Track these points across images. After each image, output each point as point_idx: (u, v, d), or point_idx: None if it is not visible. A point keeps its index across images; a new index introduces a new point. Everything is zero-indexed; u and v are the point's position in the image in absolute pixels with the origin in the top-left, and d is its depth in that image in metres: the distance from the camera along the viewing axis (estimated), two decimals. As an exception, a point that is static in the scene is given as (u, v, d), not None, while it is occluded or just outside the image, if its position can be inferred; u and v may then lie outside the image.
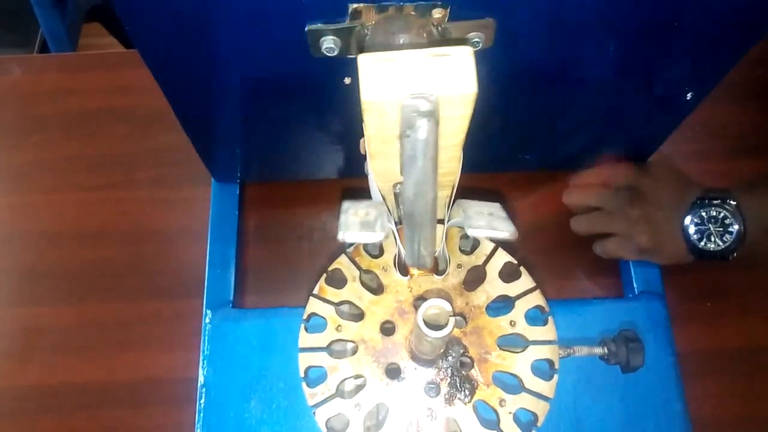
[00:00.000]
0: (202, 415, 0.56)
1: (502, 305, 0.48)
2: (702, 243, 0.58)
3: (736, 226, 0.57)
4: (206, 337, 0.59)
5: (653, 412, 0.57)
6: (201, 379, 0.57)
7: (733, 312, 0.64)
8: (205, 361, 0.58)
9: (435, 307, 0.35)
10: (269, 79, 0.47)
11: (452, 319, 0.35)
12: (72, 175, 0.70)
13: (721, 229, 0.57)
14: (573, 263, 0.65)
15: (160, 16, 0.40)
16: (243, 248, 0.65)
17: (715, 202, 0.58)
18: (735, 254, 0.58)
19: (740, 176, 0.69)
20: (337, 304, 0.47)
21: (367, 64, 0.31)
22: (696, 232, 0.58)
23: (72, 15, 1.12)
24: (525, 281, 0.48)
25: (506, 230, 0.36)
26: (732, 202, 0.57)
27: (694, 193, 0.59)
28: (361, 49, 0.39)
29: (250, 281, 0.64)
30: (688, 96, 0.52)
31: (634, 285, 0.62)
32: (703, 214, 0.58)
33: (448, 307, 0.35)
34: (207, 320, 0.60)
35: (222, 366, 0.58)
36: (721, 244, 0.58)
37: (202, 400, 0.57)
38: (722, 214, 0.57)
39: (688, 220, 0.58)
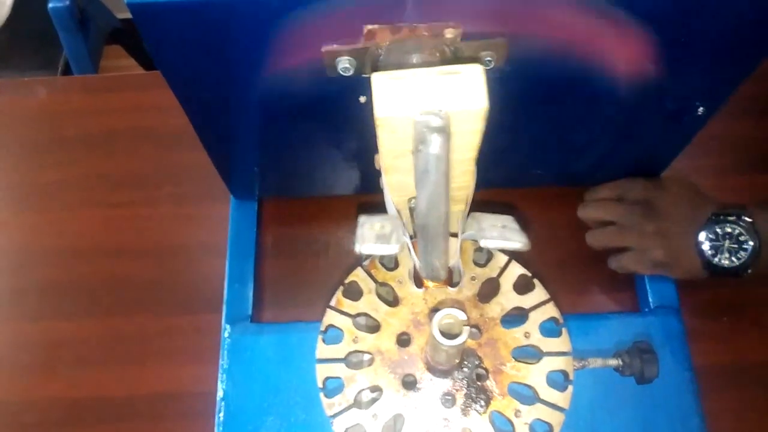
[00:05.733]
0: (221, 428, 0.57)
1: (516, 317, 0.48)
2: (716, 259, 0.58)
3: (751, 243, 0.57)
4: (225, 351, 0.60)
5: (671, 426, 0.56)
6: (220, 393, 0.58)
7: (750, 327, 0.63)
8: (224, 375, 0.59)
9: (449, 316, 0.36)
10: (287, 99, 0.48)
11: (466, 328, 0.35)
12: (95, 192, 0.72)
13: (735, 245, 0.57)
14: (588, 278, 0.65)
15: (182, 39, 0.41)
16: (261, 264, 0.66)
17: (731, 218, 0.57)
18: (749, 271, 0.58)
19: (754, 191, 0.68)
20: (353, 316, 0.48)
21: (380, 82, 0.32)
22: (710, 248, 0.58)
23: (94, 38, 1.15)
24: (539, 293, 0.48)
25: (519, 241, 0.37)
26: (747, 218, 0.57)
27: (709, 209, 0.59)
28: (376, 69, 0.40)
29: (268, 296, 0.65)
30: (699, 111, 0.53)
31: (650, 299, 0.62)
32: (718, 230, 0.58)
33: (462, 316, 0.36)
34: (226, 334, 0.60)
35: (240, 379, 0.58)
36: (735, 260, 0.57)
37: (221, 414, 0.57)
38: (737, 231, 0.57)
39: (702, 236, 0.58)
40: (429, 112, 0.31)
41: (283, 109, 0.50)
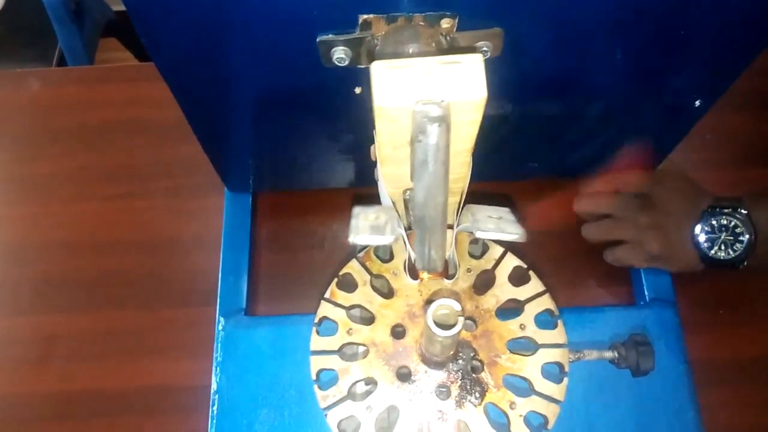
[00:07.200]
0: (214, 421, 0.57)
1: (511, 309, 0.48)
2: (712, 251, 0.58)
3: (747, 236, 0.57)
4: (219, 345, 0.59)
5: (666, 419, 0.56)
6: (214, 386, 0.58)
7: (746, 320, 0.64)
8: (218, 368, 0.58)
9: (444, 307, 0.36)
10: (281, 90, 0.48)
11: (461, 319, 0.35)
12: (89, 185, 0.71)
13: (731, 237, 0.57)
14: (584, 271, 0.65)
15: (176, 30, 0.41)
16: (255, 257, 0.66)
17: (726, 210, 0.58)
18: (745, 263, 0.58)
19: (750, 185, 0.69)
20: (348, 308, 0.47)
21: (380, 71, 0.32)
22: (706, 241, 0.58)
23: (89, 30, 1.14)
24: (534, 285, 0.48)
25: (515, 233, 0.37)
26: (743, 211, 0.57)
27: (704, 201, 0.59)
28: (372, 59, 0.40)
29: (262, 289, 0.65)
30: (697, 104, 0.53)
31: (646, 292, 0.62)
32: (714, 222, 0.58)
33: (457, 306, 0.36)
34: (220, 327, 0.60)
35: (234, 373, 0.58)
36: (731, 252, 0.58)
37: (215, 407, 0.57)
38: (733, 223, 0.57)
39: (698, 228, 0.58)
40: (429, 102, 0.31)
41: (278, 101, 0.50)
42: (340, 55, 0.41)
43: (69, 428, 0.61)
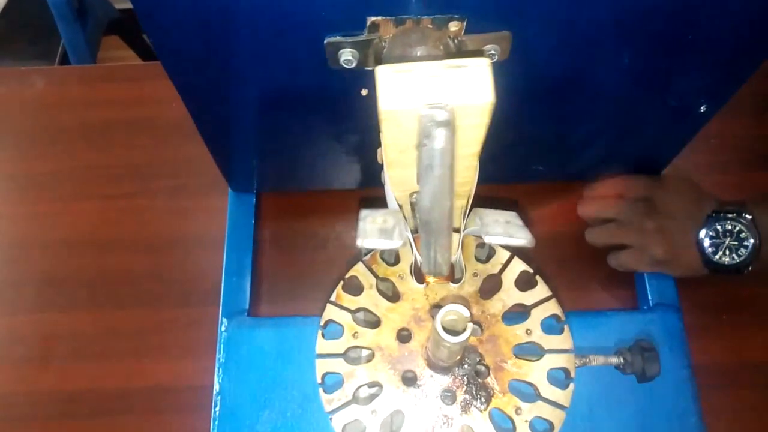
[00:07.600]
0: (217, 422, 0.57)
1: (518, 314, 0.48)
2: (717, 256, 0.58)
3: (752, 240, 0.57)
4: (222, 345, 0.59)
5: (669, 424, 0.56)
6: (216, 387, 0.58)
7: (749, 325, 0.63)
8: (221, 369, 0.58)
9: (453, 312, 0.36)
10: (288, 91, 0.48)
11: (470, 325, 0.35)
12: (92, 184, 0.71)
13: (736, 242, 0.57)
14: (588, 275, 0.65)
15: (183, 29, 0.40)
16: (259, 257, 0.65)
17: (731, 215, 0.57)
18: (750, 268, 0.58)
19: (754, 188, 0.68)
20: (353, 311, 0.47)
21: (386, 75, 0.32)
22: (711, 245, 0.58)
23: (92, 28, 1.14)
24: (541, 290, 0.48)
25: (523, 238, 0.37)
26: (747, 216, 0.57)
27: (709, 206, 0.59)
28: (379, 62, 0.40)
29: (265, 290, 0.65)
30: (703, 108, 0.53)
31: (649, 297, 0.62)
32: (719, 227, 0.58)
33: (466, 312, 0.35)
34: (223, 328, 0.60)
35: (237, 374, 0.58)
36: (736, 257, 0.57)
37: (217, 408, 0.57)
38: (737, 228, 0.57)
39: (703, 233, 0.58)
40: (434, 106, 0.31)
41: (284, 101, 0.49)
42: (347, 57, 0.41)
43: (69, 428, 0.61)
